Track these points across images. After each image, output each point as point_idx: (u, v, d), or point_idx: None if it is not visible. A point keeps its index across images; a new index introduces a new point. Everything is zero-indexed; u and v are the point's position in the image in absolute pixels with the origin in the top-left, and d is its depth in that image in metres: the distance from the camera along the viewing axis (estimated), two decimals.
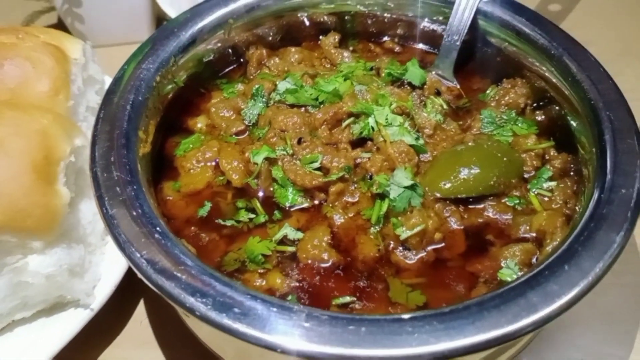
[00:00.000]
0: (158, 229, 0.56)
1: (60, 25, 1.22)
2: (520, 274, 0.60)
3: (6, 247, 0.64)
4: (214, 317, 0.49)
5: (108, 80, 0.93)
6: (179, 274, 0.52)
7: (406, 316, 0.49)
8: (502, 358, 0.61)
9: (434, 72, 0.82)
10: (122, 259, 0.69)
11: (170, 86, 0.75)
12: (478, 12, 0.80)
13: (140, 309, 0.79)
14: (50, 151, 0.67)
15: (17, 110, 0.68)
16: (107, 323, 0.76)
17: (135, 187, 0.60)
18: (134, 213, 0.57)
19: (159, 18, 1.20)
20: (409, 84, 0.79)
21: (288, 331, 0.48)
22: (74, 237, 0.69)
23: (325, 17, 0.90)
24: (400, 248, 0.64)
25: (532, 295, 0.50)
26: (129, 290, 0.78)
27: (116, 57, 0.78)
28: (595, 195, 0.58)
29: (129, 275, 0.74)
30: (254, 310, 0.50)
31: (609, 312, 0.76)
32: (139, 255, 0.54)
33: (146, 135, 0.68)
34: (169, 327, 0.77)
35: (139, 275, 0.53)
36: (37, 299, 0.69)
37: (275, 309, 0.50)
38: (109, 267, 0.74)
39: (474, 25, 0.81)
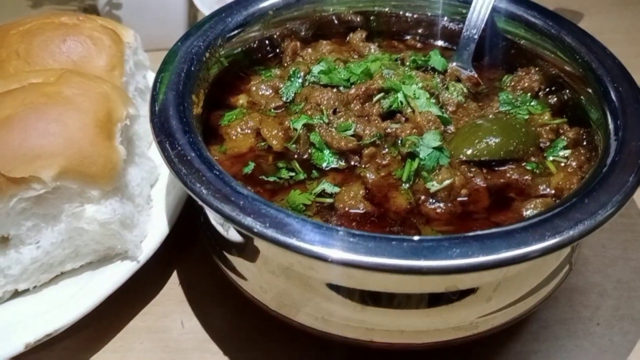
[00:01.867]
0: (215, 167, 0.62)
1: None
2: None
3: (67, 194, 0.69)
4: (270, 233, 0.55)
5: (150, 75, 1.01)
6: (236, 200, 0.58)
7: (445, 237, 0.55)
8: (541, 292, 0.66)
9: (453, 63, 0.90)
10: (166, 222, 0.76)
11: (216, 64, 0.83)
12: (494, 8, 0.89)
13: (174, 279, 0.84)
14: (111, 112, 0.73)
15: (83, 77, 0.75)
16: (145, 287, 0.81)
17: (192, 135, 0.66)
18: (193, 154, 0.63)
19: (192, 23, 1.30)
20: (432, 69, 0.87)
21: (337, 244, 0.54)
22: (125, 194, 0.75)
23: (352, 16, 0.98)
24: (431, 200, 0.69)
25: (558, 221, 0.56)
26: (165, 261, 0.83)
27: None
28: (610, 148, 0.65)
29: (167, 248, 0.79)
30: (305, 228, 0.55)
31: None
32: (199, 185, 0.59)
33: (197, 100, 0.75)
34: (204, 287, 0.82)
35: (200, 203, 0.59)
36: (88, 248, 0.73)
37: (324, 228, 0.55)
38: (154, 228, 0.79)
39: (490, 20, 0.90)
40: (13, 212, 0.68)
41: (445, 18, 0.96)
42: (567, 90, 0.82)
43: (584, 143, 0.76)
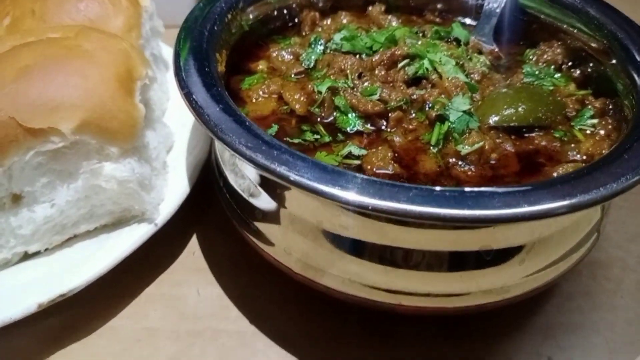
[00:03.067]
0: (243, 118, 0.60)
1: None
2: None
3: (85, 150, 0.67)
4: (308, 182, 0.53)
5: (164, 48, 0.99)
6: (270, 150, 0.56)
7: (490, 189, 0.54)
8: (572, 257, 0.65)
9: (474, 37, 0.89)
10: (184, 185, 0.74)
11: (236, 27, 0.81)
12: None
13: (193, 242, 0.82)
14: (131, 69, 0.71)
15: (102, 33, 0.73)
16: (160, 255, 0.79)
17: (218, 88, 0.64)
18: (221, 106, 0.61)
19: None
20: (456, 39, 0.86)
21: (377, 193, 0.52)
22: (143, 155, 0.72)
23: None
24: (461, 162, 0.68)
25: (599, 175, 0.55)
26: (180, 230, 0.81)
27: None
28: None
29: (182, 216, 0.77)
30: (343, 177, 0.53)
31: None
32: (230, 136, 0.57)
33: (221, 59, 0.73)
34: (220, 256, 0.80)
35: (232, 152, 0.57)
36: (104, 209, 0.71)
37: (364, 179, 0.53)
38: (171, 193, 0.76)
39: None
40: (28, 166, 0.65)
41: None
42: (591, 64, 0.81)
43: (611, 113, 0.75)
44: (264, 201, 0.65)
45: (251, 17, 0.85)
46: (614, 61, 0.76)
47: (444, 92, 0.74)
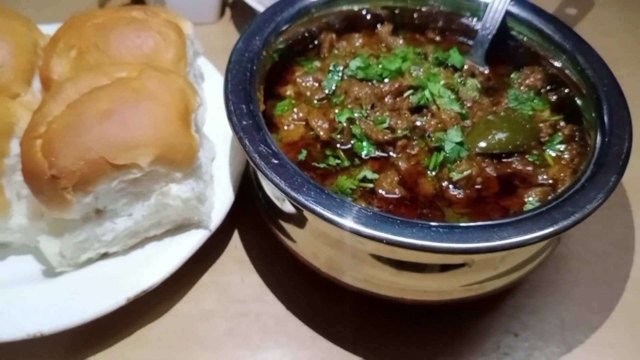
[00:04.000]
0: (280, 156, 0.78)
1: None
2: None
3: (156, 176, 0.84)
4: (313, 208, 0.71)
5: (203, 60, 1.13)
6: (295, 179, 0.74)
7: (464, 224, 0.72)
8: (538, 259, 0.84)
9: (469, 60, 1.04)
10: (227, 195, 0.91)
11: (269, 61, 0.96)
12: (507, 13, 1.03)
13: (233, 242, 1.00)
14: (187, 104, 0.87)
15: (160, 72, 0.88)
16: (210, 249, 0.96)
17: (263, 132, 0.81)
18: (268, 150, 0.78)
19: (224, 2, 1.41)
20: (452, 66, 1.01)
21: (387, 229, 0.70)
22: (198, 173, 0.89)
23: (380, 11, 1.11)
24: (452, 187, 0.86)
25: (555, 213, 0.73)
26: (226, 228, 0.98)
27: None
28: (596, 152, 0.81)
29: (227, 216, 0.94)
30: (348, 205, 0.72)
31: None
32: (273, 174, 0.75)
33: (260, 95, 0.89)
34: (257, 249, 0.99)
35: (281, 194, 0.74)
36: (169, 219, 0.89)
37: (375, 214, 0.71)
38: (218, 202, 0.94)
39: (503, 23, 1.03)
40: (112, 190, 0.82)
41: (461, 16, 1.09)
42: (566, 90, 0.97)
43: (576, 139, 0.92)
44: (295, 216, 0.83)
45: (280, 47, 0.99)
46: (584, 92, 0.93)
47: (441, 122, 0.90)
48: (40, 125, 0.81)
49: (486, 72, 1.04)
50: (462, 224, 0.72)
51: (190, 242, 0.88)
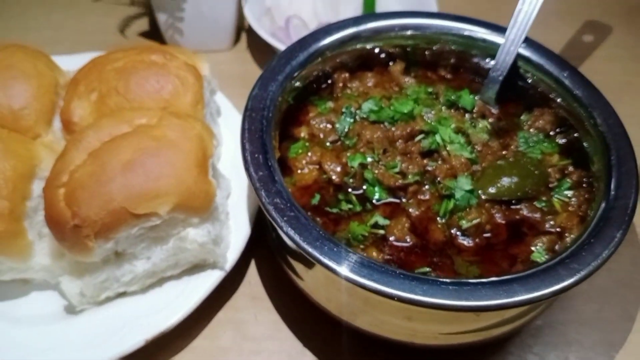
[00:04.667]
0: (296, 208, 0.80)
1: (152, 31, 1.44)
2: (546, 256, 0.85)
3: (175, 221, 0.87)
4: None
5: (219, 97, 1.16)
6: (308, 232, 0.77)
7: (472, 280, 0.74)
8: (544, 305, 0.87)
9: (480, 100, 1.06)
10: (242, 233, 0.94)
11: (284, 104, 0.98)
12: (518, 55, 1.04)
13: (247, 279, 1.03)
14: (205, 150, 0.90)
15: (180, 118, 0.91)
16: (225, 287, 0.99)
17: (278, 183, 0.83)
18: (283, 202, 0.81)
19: (239, 28, 1.43)
20: (463, 108, 1.03)
21: (397, 285, 0.73)
22: (215, 216, 0.92)
23: (392, 49, 1.13)
24: (461, 235, 0.88)
25: (561, 270, 0.75)
26: (240, 267, 1.01)
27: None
28: (603, 204, 0.83)
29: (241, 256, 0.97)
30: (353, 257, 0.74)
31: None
32: (287, 227, 0.77)
33: (276, 143, 0.91)
34: (271, 287, 1.01)
35: (296, 248, 0.77)
36: (186, 261, 0.92)
37: (385, 269, 0.74)
38: (233, 243, 0.97)
39: (514, 64, 1.05)
40: (132, 236, 0.85)
41: (472, 55, 1.11)
42: (575, 134, 0.99)
43: (584, 185, 0.94)
44: (308, 265, 0.86)
45: (294, 90, 1.01)
46: (593, 136, 0.94)
47: (451, 167, 0.93)
48: (62, 174, 0.84)
49: (497, 112, 1.06)
50: (470, 281, 0.74)
51: (206, 283, 0.91)
